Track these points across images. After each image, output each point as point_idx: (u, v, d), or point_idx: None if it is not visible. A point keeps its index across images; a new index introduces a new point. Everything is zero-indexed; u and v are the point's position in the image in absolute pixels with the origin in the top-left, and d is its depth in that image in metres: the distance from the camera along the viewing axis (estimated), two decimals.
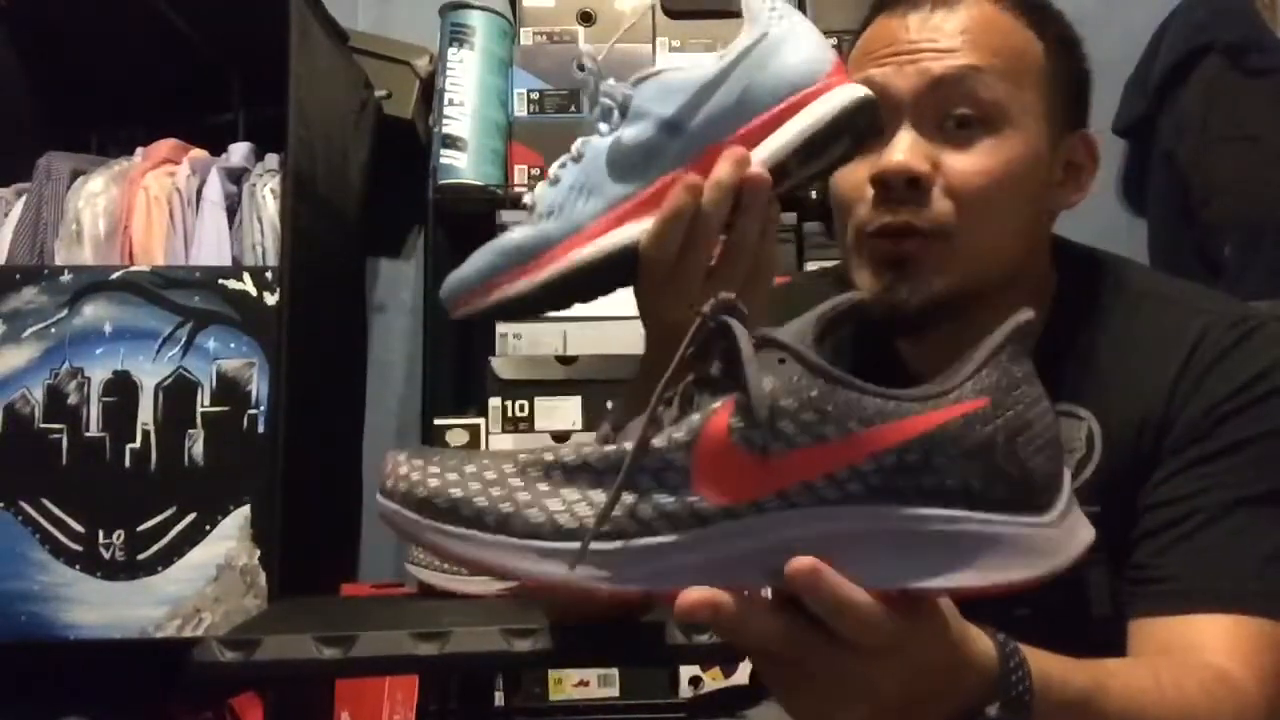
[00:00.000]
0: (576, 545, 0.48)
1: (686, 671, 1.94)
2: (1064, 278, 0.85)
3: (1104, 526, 0.76)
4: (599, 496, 0.49)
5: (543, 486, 0.50)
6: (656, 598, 0.50)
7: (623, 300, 0.74)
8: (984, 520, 0.49)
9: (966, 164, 0.78)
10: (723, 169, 0.68)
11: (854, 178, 0.80)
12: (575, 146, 0.73)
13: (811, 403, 0.48)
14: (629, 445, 0.50)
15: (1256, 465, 0.76)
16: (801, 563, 0.46)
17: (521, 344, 1.98)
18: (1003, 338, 0.52)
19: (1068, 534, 0.51)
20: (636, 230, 0.69)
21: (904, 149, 0.77)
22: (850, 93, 0.70)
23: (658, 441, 0.49)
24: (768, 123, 0.70)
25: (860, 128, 0.71)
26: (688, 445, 0.49)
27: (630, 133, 0.70)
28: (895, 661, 0.49)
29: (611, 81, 0.72)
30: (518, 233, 0.71)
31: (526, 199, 0.73)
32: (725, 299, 0.51)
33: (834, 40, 2.04)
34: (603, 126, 0.72)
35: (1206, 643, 0.70)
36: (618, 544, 0.49)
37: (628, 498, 0.49)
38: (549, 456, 0.51)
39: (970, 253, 0.79)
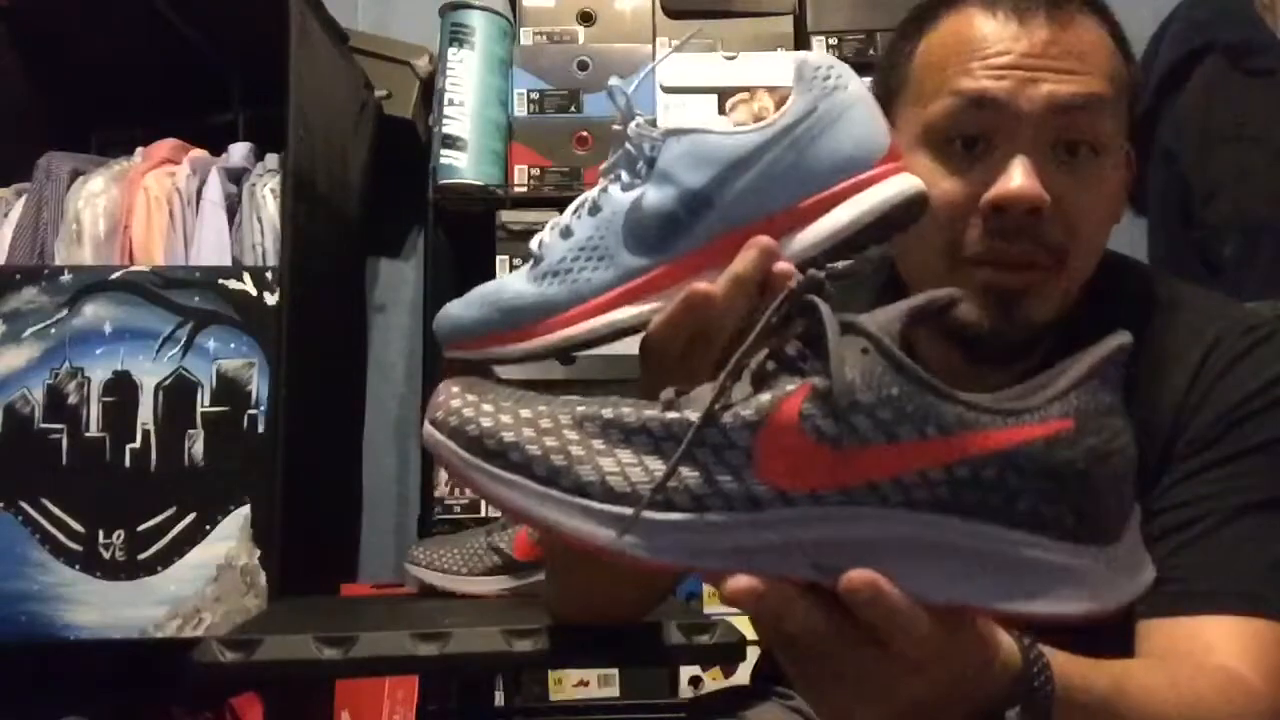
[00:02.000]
0: (626, 510, 0.47)
1: (686, 671, 1.94)
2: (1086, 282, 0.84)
3: None
4: (655, 464, 0.47)
5: (598, 444, 0.48)
6: (693, 573, 0.48)
7: None
8: (1050, 548, 0.47)
9: (1082, 195, 0.76)
10: (744, 261, 0.60)
11: (950, 196, 0.75)
12: (593, 195, 0.66)
13: (890, 401, 0.46)
14: (692, 416, 0.47)
15: (1267, 470, 0.76)
16: (861, 576, 0.45)
17: None
18: (1100, 360, 0.49)
19: (1130, 571, 0.50)
20: (646, 310, 0.63)
21: (1027, 175, 0.74)
22: (903, 185, 0.63)
23: (723, 417, 0.47)
24: (807, 210, 0.62)
25: (904, 222, 0.64)
26: (754, 425, 0.47)
27: (653, 198, 0.63)
28: (931, 670, 0.48)
29: (641, 121, 0.64)
30: (519, 286, 0.66)
31: (533, 243, 0.67)
32: (814, 277, 0.48)
33: (834, 40, 2.04)
34: (624, 175, 0.65)
35: (1215, 644, 0.70)
36: (668, 516, 0.47)
37: (684, 470, 0.47)
38: (608, 413, 0.49)
39: (1073, 283, 0.79)
